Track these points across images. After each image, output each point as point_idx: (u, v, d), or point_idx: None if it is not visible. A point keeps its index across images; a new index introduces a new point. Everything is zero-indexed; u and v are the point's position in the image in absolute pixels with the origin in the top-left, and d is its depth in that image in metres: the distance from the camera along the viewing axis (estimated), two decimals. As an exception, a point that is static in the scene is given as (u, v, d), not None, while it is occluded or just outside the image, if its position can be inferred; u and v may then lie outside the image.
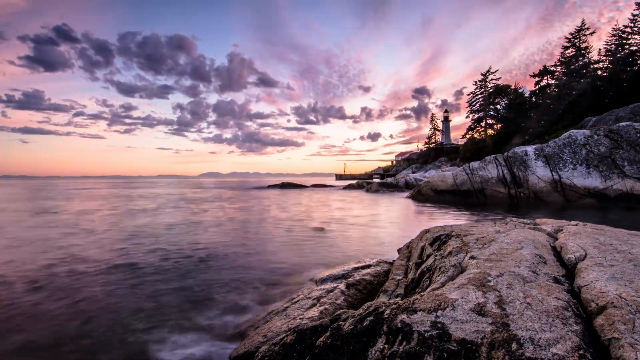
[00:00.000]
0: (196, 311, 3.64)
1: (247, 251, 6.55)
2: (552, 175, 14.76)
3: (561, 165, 14.74)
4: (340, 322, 2.04)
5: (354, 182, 37.65)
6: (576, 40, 32.13)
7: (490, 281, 2.06)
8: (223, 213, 13.72)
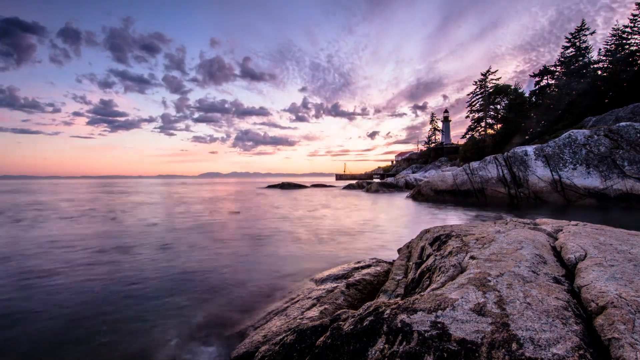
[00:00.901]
0: (196, 308, 3.64)
1: (246, 251, 6.55)
2: (552, 175, 14.76)
3: (561, 165, 14.74)
4: (340, 322, 2.04)
5: (354, 182, 37.66)
6: (576, 40, 32.13)
7: (490, 281, 2.06)
8: (224, 214, 13.73)
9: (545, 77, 34.84)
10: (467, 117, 45.62)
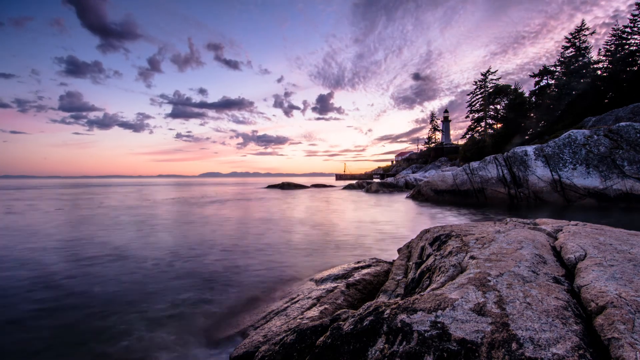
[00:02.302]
0: (197, 308, 3.64)
1: (246, 251, 6.55)
2: (552, 175, 14.76)
3: (561, 165, 14.74)
4: (340, 322, 2.04)
5: (354, 182, 37.67)
6: (576, 40, 32.12)
7: (490, 281, 2.06)
8: (223, 213, 13.72)
9: (545, 77, 34.82)
10: (467, 117, 45.64)
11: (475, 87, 43.54)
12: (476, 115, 43.83)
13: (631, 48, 28.06)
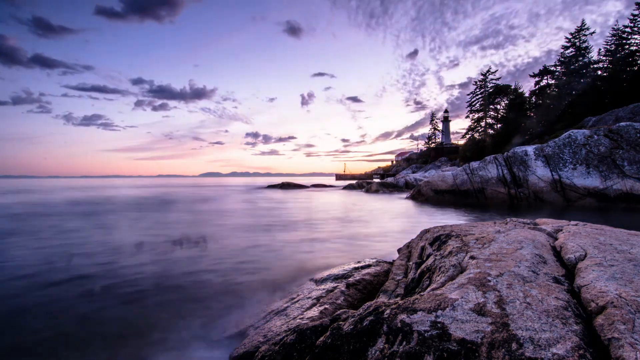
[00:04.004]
0: (196, 308, 3.64)
1: (245, 251, 6.55)
2: (552, 175, 14.76)
3: (561, 165, 14.74)
4: (340, 322, 2.04)
5: (354, 182, 37.69)
6: (576, 40, 32.13)
7: (490, 281, 2.06)
8: (224, 214, 13.73)
9: (545, 77, 34.84)
10: (467, 117, 45.67)
11: (475, 87, 43.60)
12: (476, 115, 43.87)
13: (631, 48, 28.06)
